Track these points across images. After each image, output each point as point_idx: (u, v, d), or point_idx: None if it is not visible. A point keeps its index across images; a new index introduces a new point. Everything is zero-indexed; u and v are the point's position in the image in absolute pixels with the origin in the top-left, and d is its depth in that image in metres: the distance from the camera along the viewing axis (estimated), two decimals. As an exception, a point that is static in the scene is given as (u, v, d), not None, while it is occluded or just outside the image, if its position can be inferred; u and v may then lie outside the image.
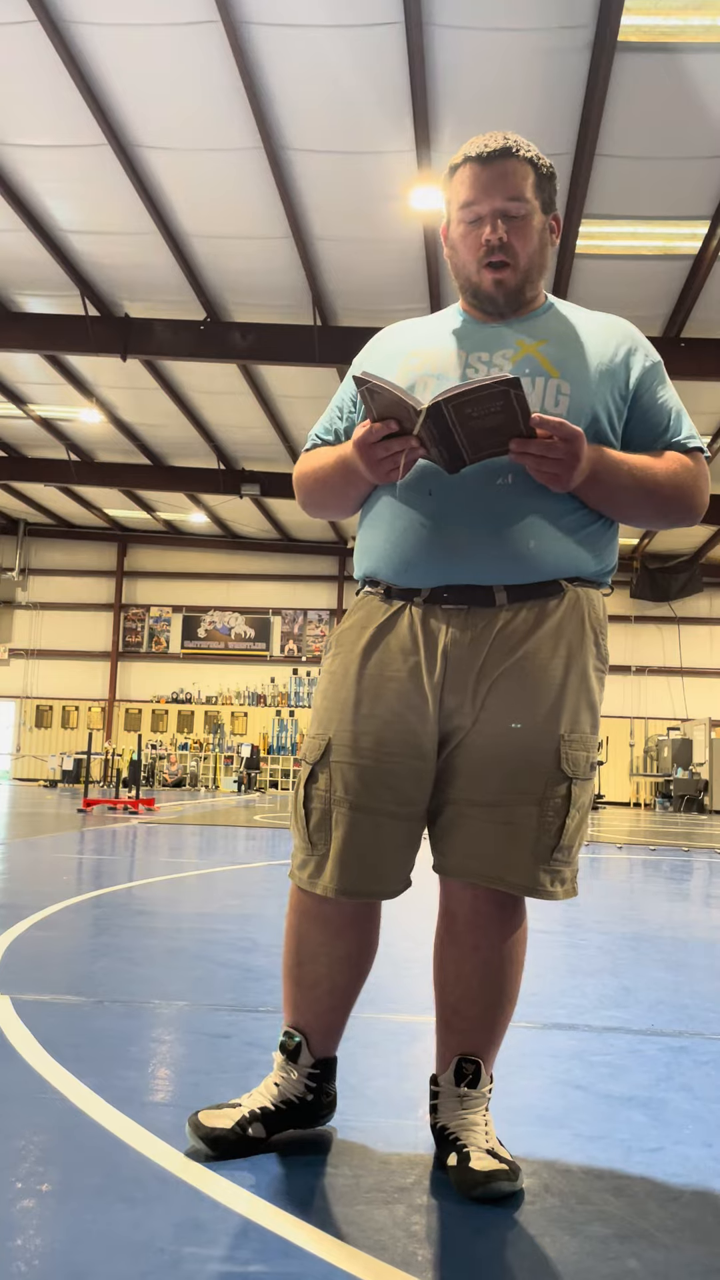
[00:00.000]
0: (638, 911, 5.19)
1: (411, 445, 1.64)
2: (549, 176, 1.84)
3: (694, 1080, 2.34)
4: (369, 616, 1.80)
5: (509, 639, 1.72)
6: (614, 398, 1.79)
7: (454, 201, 1.83)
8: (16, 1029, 2.53)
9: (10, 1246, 1.45)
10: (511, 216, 1.78)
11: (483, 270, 1.79)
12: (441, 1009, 1.83)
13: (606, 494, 1.74)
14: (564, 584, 1.75)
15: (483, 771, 1.72)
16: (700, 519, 1.85)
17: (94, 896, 4.93)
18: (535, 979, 3.41)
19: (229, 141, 8.47)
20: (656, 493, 1.77)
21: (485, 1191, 1.64)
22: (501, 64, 7.30)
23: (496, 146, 1.78)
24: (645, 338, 1.90)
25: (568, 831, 1.73)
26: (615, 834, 12.07)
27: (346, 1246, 1.49)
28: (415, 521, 1.74)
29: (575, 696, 1.74)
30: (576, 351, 1.79)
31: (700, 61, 7.16)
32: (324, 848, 1.76)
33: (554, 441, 1.61)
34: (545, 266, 1.85)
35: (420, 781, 1.75)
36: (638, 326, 1.96)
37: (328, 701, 1.81)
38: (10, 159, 8.96)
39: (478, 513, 1.71)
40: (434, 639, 1.73)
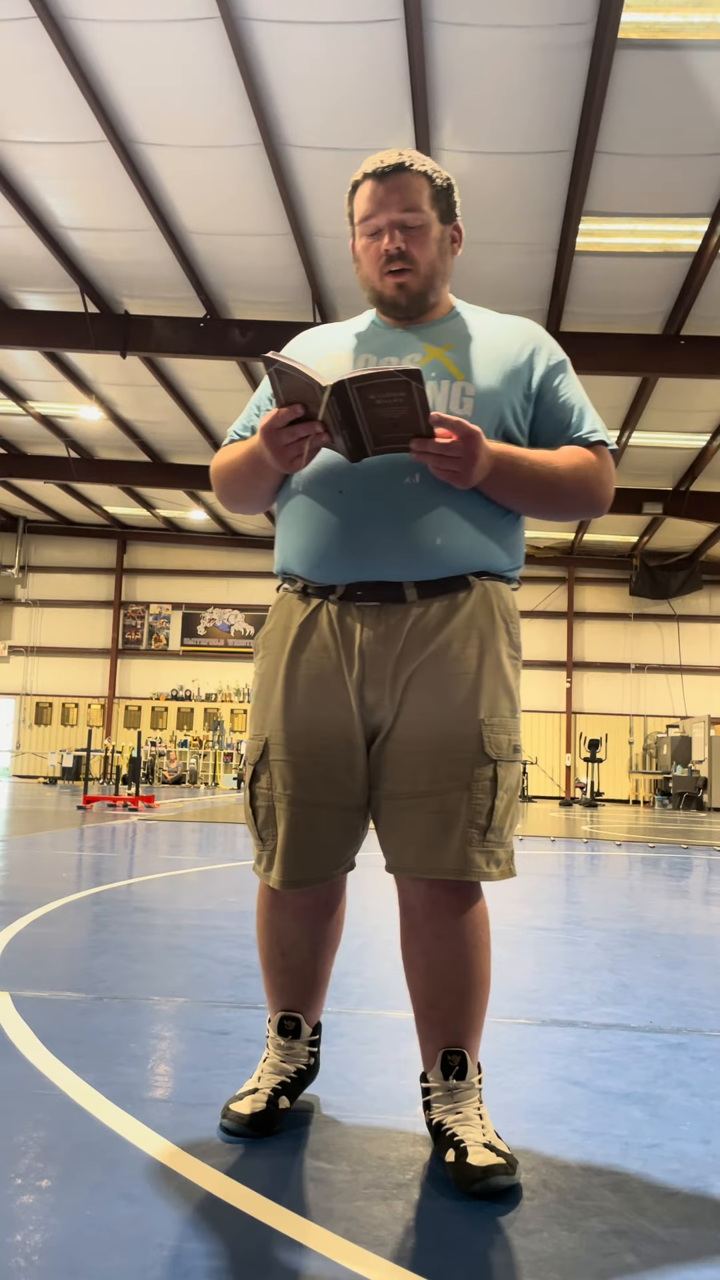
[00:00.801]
0: (636, 908, 5.19)
1: (316, 431, 1.68)
2: (446, 189, 1.91)
3: (692, 1077, 2.34)
4: (289, 616, 1.88)
5: (422, 633, 1.78)
6: (519, 397, 1.86)
7: (355, 216, 1.92)
8: (16, 1025, 2.54)
9: (9, 1242, 1.46)
10: (409, 227, 1.86)
11: (385, 278, 1.87)
12: (418, 1005, 1.87)
13: (509, 489, 1.80)
14: (471, 579, 1.81)
15: (411, 763, 1.78)
16: (605, 511, 1.91)
17: (93, 893, 4.94)
18: (534, 975, 3.41)
19: (228, 138, 8.46)
20: (558, 486, 1.83)
21: (483, 1187, 1.66)
22: (501, 61, 7.29)
23: (392, 163, 1.86)
24: (550, 337, 1.98)
25: (497, 813, 1.79)
26: (614, 831, 12.08)
27: (345, 1242, 1.50)
28: (327, 519, 1.80)
29: (492, 682, 1.80)
30: (481, 354, 1.86)
31: (700, 58, 7.16)
32: (273, 842, 1.87)
33: (453, 441, 1.67)
34: (447, 274, 1.94)
35: (353, 772, 1.83)
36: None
37: (261, 704, 1.90)
38: (9, 155, 8.95)
39: (386, 511, 1.77)
40: (350, 636, 1.80)
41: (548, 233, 9.63)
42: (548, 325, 11.46)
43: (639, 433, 14.68)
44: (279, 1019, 1.99)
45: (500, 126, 8.09)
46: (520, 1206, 1.64)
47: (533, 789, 23.36)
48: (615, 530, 21.22)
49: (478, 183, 8.87)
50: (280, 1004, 1.99)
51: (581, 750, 22.77)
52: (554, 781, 23.72)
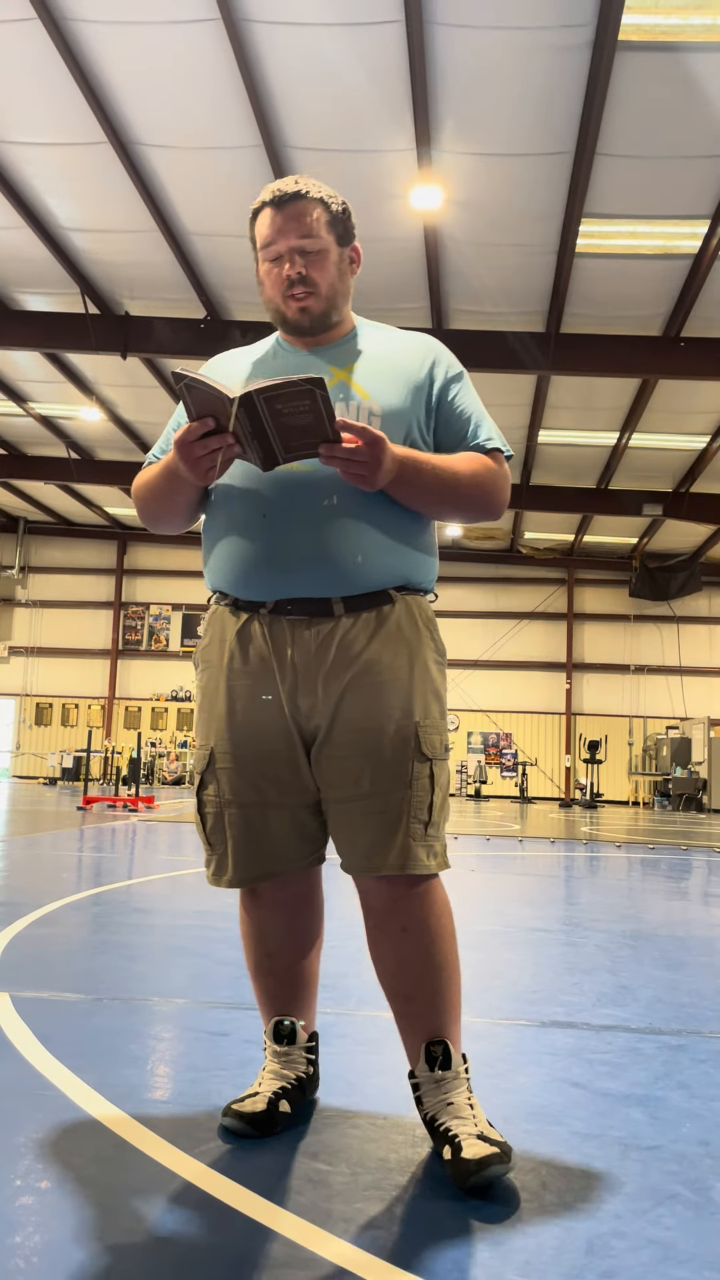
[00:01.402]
0: (636, 910, 5.19)
1: (228, 442, 1.73)
2: (342, 213, 1.99)
3: (691, 1078, 2.34)
4: (224, 630, 1.95)
5: (352, 645, 1.86)
6: (422, 410, 1.96)
7: (257, 243, 1.99)
8: (16, 1026, 2.54)
9: (10, 1243, 1.46)
10: (308, 252, 1.94)
11: (288, 301, 1.95)
12: (395, 1002, 1.91)
13: (412, 491, 1.87)
14: (393, 593, 1.90)
15: (353, 768, 1.85)
16: (501, 514, 2.01)
17: (93, 894, 4.94)
18: (533, 977, 3.41)
19: (229, 139, 8.47)
20: (458, 489, 1.91)
21: (479, 1179, 1.68)
22: (502, 63, 7.30)
23: (289, 190, 1.94)
24: (448, 350, 2.07)
25: (435, 808, 1.88)
26: (614, 832, 12.08)
27: (345, 1244, 1.50)
28: (253, 541, 1.88)
29: (422, 687, 1.89)
30: (384, 372, 1.95)
31: (701, 61, 7.16)
32: (222, 846, 1.94)
33: (359, 445, 1.74)
34: (348, 293, 2.02)
35: (298, 771, 1.89)
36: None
37: (204, 715, 1.97)
38: (11, 157, 8.96)
39: (309, 532, 1.85)
40: (282, 648, 1.88)
41: (548, 234, 9.64)
42: (548, 326, 11.47)
43: (639, 434, 14.68)
44: (273, 1025, 2.03)
45: (501, 128, 8.10)
46: (520, 1208, 1.64)
47: (532, 790, 23.37)
48: (615, 532, 21.22)
49: (478, 184, 8.88)
50: (273, 1010, 2.03)
51: (581, 751, 22.77)
52: (553, 783, 23.71)
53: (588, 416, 14.31)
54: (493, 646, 23.95)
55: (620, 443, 15.00)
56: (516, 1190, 1.70)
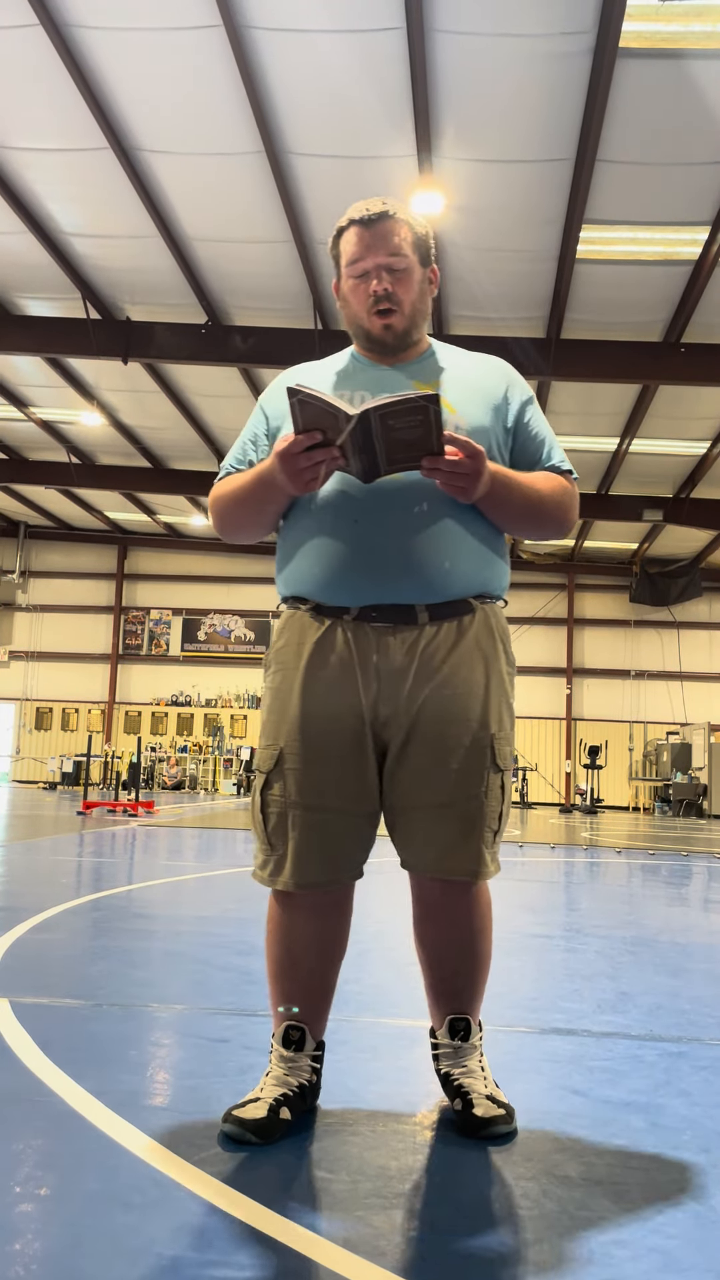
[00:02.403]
0: (636, 916, 5.19)
1: (333, 455, 1.79)
2: (425, 235, 2.07)
3: (692, 1086, 2.34)
4: (303, 634, 1.98)
5: (434, 655, 1.93)
6: (500, 430, 2.05)
7: (343, 260, 2.07)
8: (15, 1031, 2.53)
9: (8, 1251, 1.45)
10: (394, 270, 2.01)
11: (373, 317, 2.02)
12: (429, 980, 2.08)
13: (501, 505, 1.96)
14: (474, 602, 1.98)
15: (430, 776, 1.93)
16: (570, 532, 2.13)
17: (93, 899, 4.93)
18: (534, 983, 3.41)
19: (230, 145, 8.48)
20: (541, 506, 2.02)
21: (487, 1133, 1.93)
22: (503, 69, 7.31)
23: (377, 210, 2.01)
24: (519, 374, 2.16)
25: (503, 818, 2.00)
26: (614, 838, 12.07)
27: (345, 1251, 1.49)
28: (342, 547, 1.92)
29: (497, 699, 1.98)
30: (466, 390, 2.03)
31: (701, 67, 7.18)
32: (282, 848, 1.96)
33: (462, 459, 1.82)
34: (427, 313, 2.10)
35: (364, 781, 1.95)
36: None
37: (275, 715, 2.00)
38: (12, 162, 8.98)
39: (399, 538, 1.91)
40: (366, 655, 1.93)
41: (548, 241, 9.65)
42: (549, 332, 11.49)
43: (639, 440, 14.69)
44: (284, 1029, 2.03)
45: (501, 135, 8.12)
46: (520, 1215, 1.64)
47: (532, 795, 23.35)
48: (615, 537, 21.22)
49: (479, 191, 8.89)
50: (286, 1015, 2.05)
51: (581, 757, 22.75)
52: (554, 788, 23.70)
53: (588, 422, 14.32)
54: (493, 652, 23.90)
55: (621, 448, 15.01)
56: (517, 1197, 1.70)
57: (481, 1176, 1.79)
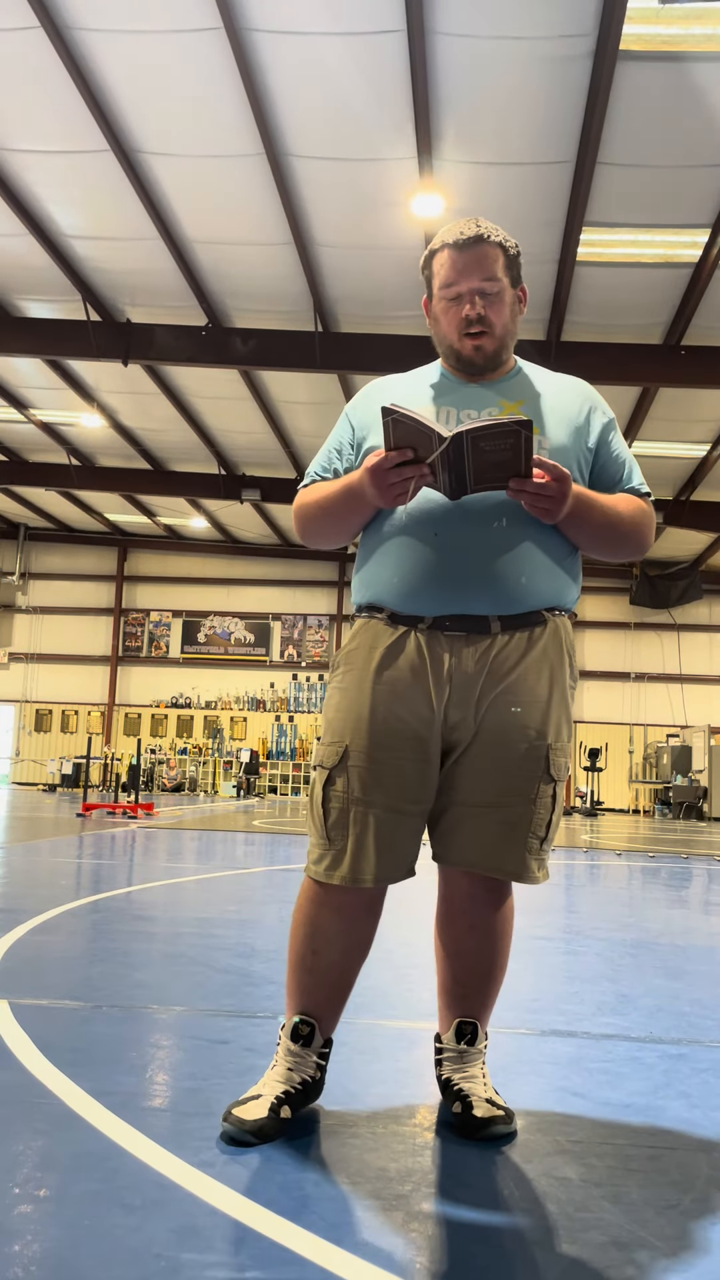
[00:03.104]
0: (636, 918, 5.18)
1: (423, 473, 1.84)
2: (516, 256, 2.10)
3: (692, 1088, 2.33)
4: (376, 638, 2.02)
5: (503, 664, 1.97)
6: (582, 451, 2.08)
7: (435, 281, 2.10)
8: (14, 1033, 2.53)
9: (8, 1252, 1.45)
10: (487, 294, 2.05)
11: (464, 339, 2.06)
12: (443, 979, 2.12)
13: (583, 527, 2.01)
14: (545, 614, 2.02)
15: (485, 778, 1.97)
16: (645, 554, 2.21)
17: (92, 901, 4.93)
18: (534, 985, 3.40)
19: (231, 148, 8.49)
20: (620, 528, 2.05)
21: (486, 1134, 1.95)
22: (503, 72, 7.32)
23: (471, 234, 2.04)
24: (601, 397, 2.20)
25: (552, 825, 2.03)
26: (614, 841, 12.06)
27: (344, 1253, 1.49)
28: (421, 558, 1.98)
29: (558, 711, 2.02)
30: (550, 411, 2.07)
31: (701, 70, 7.19)
32: (341, 843, 1.99)
33: (548, 481, 1.86)
34: (516, 333, 2.14)
35: (426, 782, 1.98)
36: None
37: (342, 713, 2.02)
38: (13, 164, 8.99)
39: (477, 551, 1.96)
40: (439, 661, 1.97)
41: (549, 243, 9.66)
42: (549, 335, 11.49)
43: (640, 442, 14.70)
44: (294, 1023, 2.02)
45: (502, 137, 8.12)
46: (520, 1218, 1.63)
47: (532, 798, 23.28)
48: (615, 539, 21.20)
49: (479, 193, 8.90)
50: (300, 1005, 2.03)
51: (581, 759, 22.75)
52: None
53: (588, 424, 14.32)
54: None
55: (621, 451, 15.01)
56: (517, 1199, 1.69)
57: (481, 1179, 1.78)
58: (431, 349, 2.22)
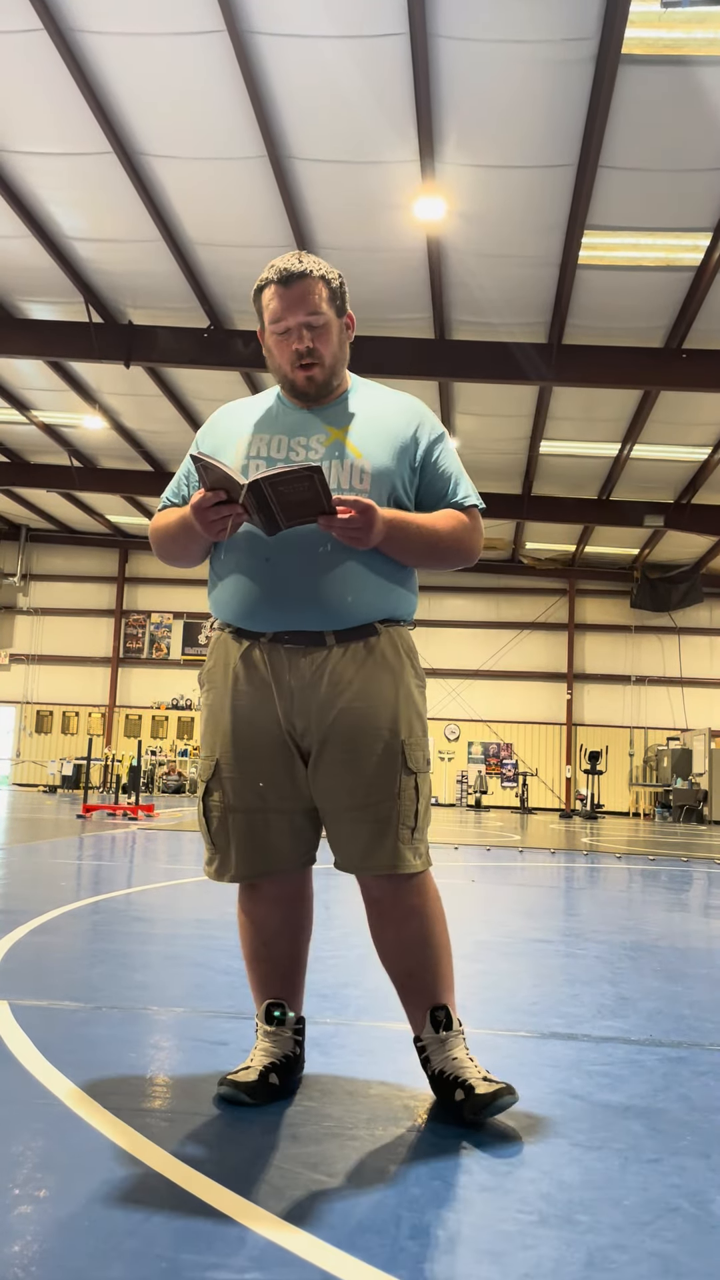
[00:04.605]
0: (636, 921, 5.18)
1: (236, 512, 1.98)
2: (340, 287, 2.21)
3: (692, 1090, 2.33)
4: (228, 655, 2.18)
5: (343, 674, 2.09)
6: (407, 469, 2.18)
7: (265, 315, 2.19)
8: (14, 1034, 2.53)
9: (7, 1252, 1.45)
10: (314, 327, 2.15)
11: (296, 370, 2.17)
12: (397, 978, 2.18)
13: (400, 548, 2.12)
14: (378, 626, 2.14)
15: (346, 783, 2.09)
16: (475, 562, 2.28)
17: (92, 902, 4.93)
18: (533, 988, 3.40)
19: (234, 150, 8.50)
20: (438, 545, 2.16)
21: (496, 1107, 2.01)
22: (505, 75, 7.33)
23: (296, 270, 2.14)
24: (431, 413, 2.30)
25: (420, 815, 2.13)
26: (614, 844, 12.06)
27: (344, 1254, 1.49)
28: (256, 581, 2.12)
29: (406, 708, 2.14)
30: (375, 433, 2.17)
31: (703, 74, 7.20)
32: (225, 847, 2.17)
33: (352, 515, 1.98)
34: (346, 358, 2.25)
35: (295, 780, 2.12)
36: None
37: (209, 729, 2.20)
38: (16, 166, 9.00)
39: (305, 574, 2.09)
40: (280, 673, 2.11)
41: (550, 246, 9.67)
42: (550, 338, 11.51)
43: (640, 445, 14.70)
44: (265, 1008, 2.22)
45: (504, 140, 8.13)
46: (520, 1221, 1.63)
47: (533, 801, 23.33)
48: (616, 542, 21.23)
49: (481, 196, 8.91)
50: (266, 994, 2.24)
51: (582, 762, 22.74)
52: (554, 793, 23.68)
53: (589, 427, 14.34)
54: (493, 657, 23.93)
55: (622, 454, 15.03)
56: (517, 1202, 1.69)
57: (481, 1181, 1.78)
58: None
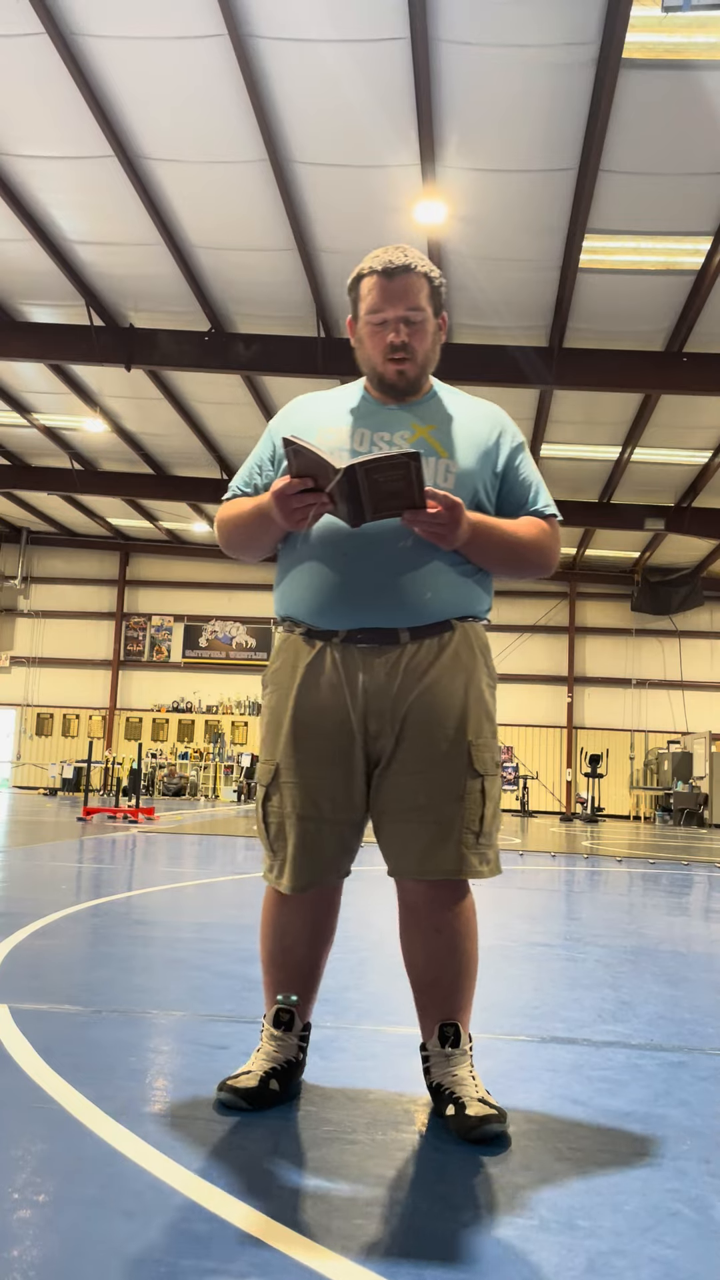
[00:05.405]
0: (637, 925, 5.18)
1: (322, 501, 1.94)
2: (439, 288, 2.19)
3: (692, 1096, 2.33)
4: (296, 657, 2.13)
5: (416, 669, 2.06)
6: (489, 474, 2.17)
7: (362, 306, 2.17)
8: (14, 1038, 2.53)
9: (7, 1257, 1.45)
10: (411, 322, 2.14)
11: (387, 363, 2.14)
12: (417, 985, 2.15)
13: (481, 551, 2.10)
14: (454, 622, 2.11)
15: (412, 783, 2.05)
16: (552, 572, 2.26)
17: (93, 905, 4.93)
18: (534, 992, 3.40)
19: (235, 154, 8.51)
20: (519, 551, 2.15)
21: (479, 1134, 1.95)
22: (506, 79, 7.34)
23: (400, 263, 2.12)
24: (512, 421, 2.28)
25: (486, 819, 2.08)
26: (614, 847, 12.05)
27: (343, 1260, 1.49)
28: (332, 575, 2.08)
29: (476, 709, 2.09)
30: (460, 434, 2.16)
31: (704, 78, 7.20)
32: (283, 853, 2.13)
33: (440, 511, 1.95)
34: (436, 359, 2.23)
35: (352, 793, 2.09)
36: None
37: (271, 733, 2.16)
38: (17, 170, 9.01)
39: (384, 569, 2.06)
40: (354, 675, 2.07)
41: (551, 250, 9.68)
42: (551, 341, 11.51)
43: (641, 449, 14.71)
44: (274, 1012, 2.20)
45: (505, 144, 8.14)
46: (519, 1225, 1.63)
47: (533, 804, 23.32)
48: (617, 546, 21.23)
49: (482, 200, 8.92)
50: (277, 996, 2.21)
51: (582, 765, 22.73)
52: (554, 796, 23.67)
53: (590, 431, 14.34)
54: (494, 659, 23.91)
55: (623, 457, 15.03)
56: (517, 1207, 1.69)
57: (481, 1186, 1.78)
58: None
